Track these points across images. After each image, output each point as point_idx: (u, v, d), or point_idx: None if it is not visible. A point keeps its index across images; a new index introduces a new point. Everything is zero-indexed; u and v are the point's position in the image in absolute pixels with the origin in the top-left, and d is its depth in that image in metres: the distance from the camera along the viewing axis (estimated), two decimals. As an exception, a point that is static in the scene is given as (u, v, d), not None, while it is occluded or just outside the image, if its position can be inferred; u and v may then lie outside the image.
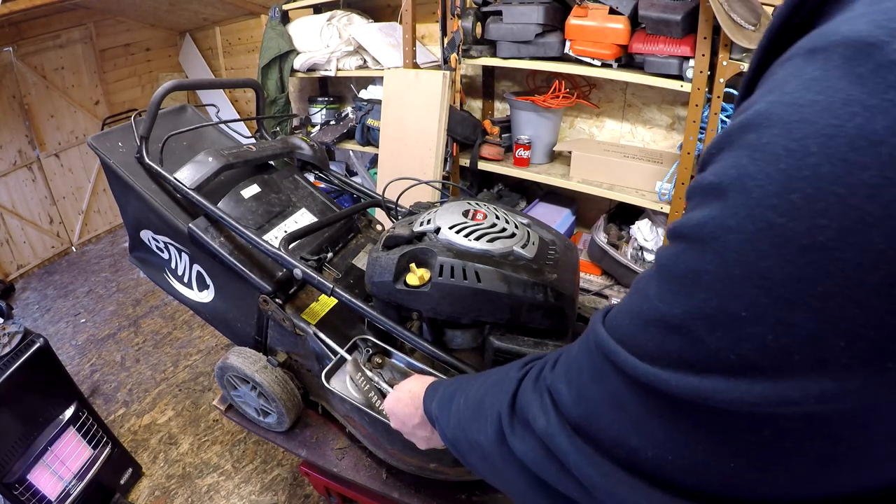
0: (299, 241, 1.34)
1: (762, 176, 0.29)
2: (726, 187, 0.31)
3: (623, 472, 0.39)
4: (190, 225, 1.27)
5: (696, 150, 2.00)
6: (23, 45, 3.39)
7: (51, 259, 3.88)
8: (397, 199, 1.51)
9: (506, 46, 2.21)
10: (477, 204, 1.22)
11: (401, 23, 2.40)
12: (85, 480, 1.77)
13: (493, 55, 2.29)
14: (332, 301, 1.34)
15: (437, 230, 1.14)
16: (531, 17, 2.08)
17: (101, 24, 3.81)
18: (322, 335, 1.23)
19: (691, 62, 1.87)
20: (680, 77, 1.93)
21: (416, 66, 2.45)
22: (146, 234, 1.44)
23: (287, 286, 1.31)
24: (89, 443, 1.83)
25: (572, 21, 2.05)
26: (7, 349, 1.61)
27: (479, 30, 2.27)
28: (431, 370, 1.11)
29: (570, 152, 2.36)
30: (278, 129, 3.06)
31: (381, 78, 2.58)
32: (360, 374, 1.08)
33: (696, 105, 1.91)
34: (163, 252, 1.44)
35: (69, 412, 1.76)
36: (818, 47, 0.29)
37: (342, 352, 1.12)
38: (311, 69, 2.89)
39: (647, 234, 2.27)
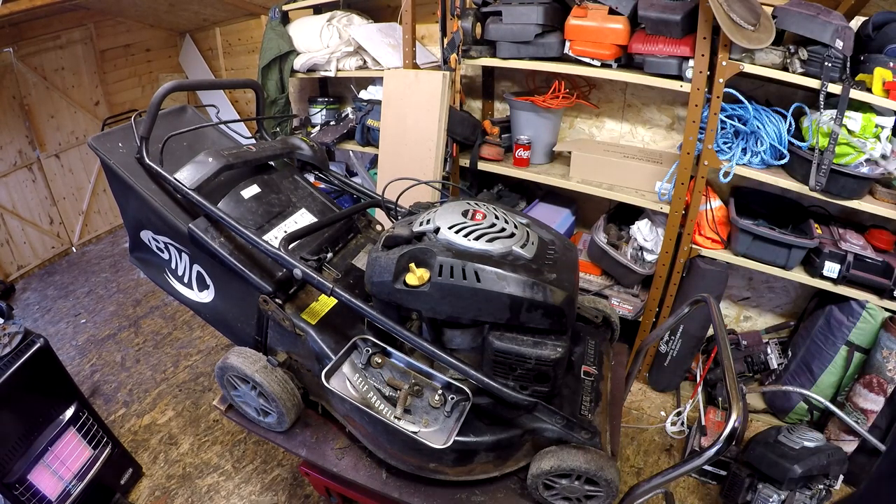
0: (299, 242, 1.35)
1: None
2: None
3: None
4: (190, 225, 1.27)
5: (696, 150, 2.00)
6: (23, 45, 3.39)
7: (51, 259, 3.88)
8: (397, 200, 1.51)
9: (505, 47, 2.21)
10: (476, 204, 1.22)
11: (401, 23, 2.40)
12: (85, 480, 1.77)
13: (493, 55, 2.29)
14: (332, 301, 1.34)
15: (437, 230, 1.14)
16: (531, 17, 2.08)
17: (101, 25, 3.81)
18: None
19: (691, 62, 1.87)
20: (679, 77, 1.93)
21: (416, 66, 2.45)
22: (146, 235, 1.45)
23: (287, 286, 1.31)
24: (89, 443, 1.83)
25: (572, 21, 2.05)
26: (7, 349, 1.61)
27: (478, 30, 2.27)
28: (432, 370, 1.12)
29: (569, 152, 2.36)
30: (278, 129, 3.06)
31: (381, 78, 2.58)
32: (358, 374, 1.08)
33: (696, 105, 1.91)
34: (163, 252, 1.45)
35: (69, 412, 1.76)
36: None
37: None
38: (311, 70, 2.89)
39: (646, 234, 2.28)
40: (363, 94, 2.94)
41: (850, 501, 0.68)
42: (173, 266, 1.45)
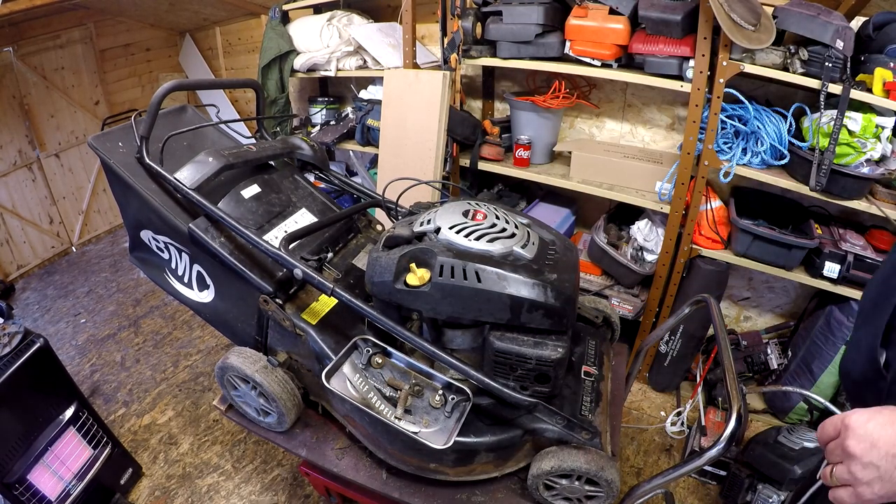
0: (299, 241, 1.34)
1: None
2: None
3: None
4: (190, 225, 1.27)
5: (696, 150, 2.00)
6: (23, 45, 3.39)
7: (51, 259, 3.88)
8: (397, 199, 1.51)
9: (506, 46, 2.21)
10: (477, 204, 1.22)
11: (401, 23, 2.40)
12: (85, 480, 1.77)
13: (493, 55, 2.29)
14: (333, 301, 1.34)
15: (438, 230, 1.14)
16: (531, 17, 2.08)
17: (101, 24, 3.81)
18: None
19: (691, 62, 1.87)
20: (680, 77, 1.93)
21: (416, 66, 2.45)
22: (146, 234, 1.44)
23: (287, 286, 1.31)
24: (89, 443, 1.83)
25: (572, 21, 2.05)
26: (7, 349, 1.61)
27: (479, 30, 2.27)
28: (432, 370, 1.12)
29: (570, 152, 2.36)
30: (278, 129, 3.06)
31: (381, 78, 2.58)
32: (358, 374, 1.08)
33: (696, 105, 1.91)
34: (163, 252, 1.44)
35: (69, 412, 1.76)
36: None
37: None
38: (311, 69, 2.89)
39: (646, 234, 2.28)
40: (363, 94, 2.94)
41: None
42: (173, 266, 1.45)
